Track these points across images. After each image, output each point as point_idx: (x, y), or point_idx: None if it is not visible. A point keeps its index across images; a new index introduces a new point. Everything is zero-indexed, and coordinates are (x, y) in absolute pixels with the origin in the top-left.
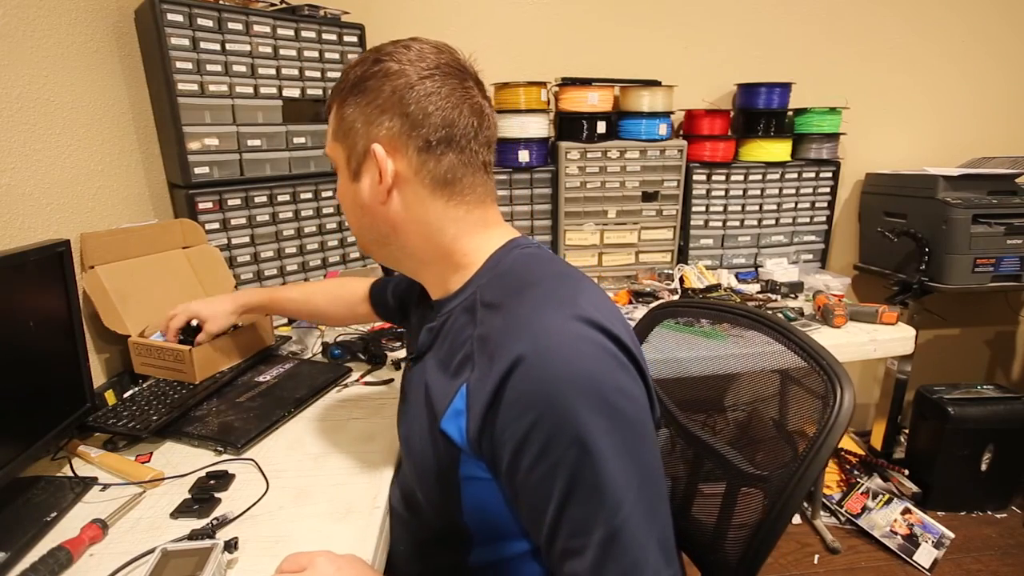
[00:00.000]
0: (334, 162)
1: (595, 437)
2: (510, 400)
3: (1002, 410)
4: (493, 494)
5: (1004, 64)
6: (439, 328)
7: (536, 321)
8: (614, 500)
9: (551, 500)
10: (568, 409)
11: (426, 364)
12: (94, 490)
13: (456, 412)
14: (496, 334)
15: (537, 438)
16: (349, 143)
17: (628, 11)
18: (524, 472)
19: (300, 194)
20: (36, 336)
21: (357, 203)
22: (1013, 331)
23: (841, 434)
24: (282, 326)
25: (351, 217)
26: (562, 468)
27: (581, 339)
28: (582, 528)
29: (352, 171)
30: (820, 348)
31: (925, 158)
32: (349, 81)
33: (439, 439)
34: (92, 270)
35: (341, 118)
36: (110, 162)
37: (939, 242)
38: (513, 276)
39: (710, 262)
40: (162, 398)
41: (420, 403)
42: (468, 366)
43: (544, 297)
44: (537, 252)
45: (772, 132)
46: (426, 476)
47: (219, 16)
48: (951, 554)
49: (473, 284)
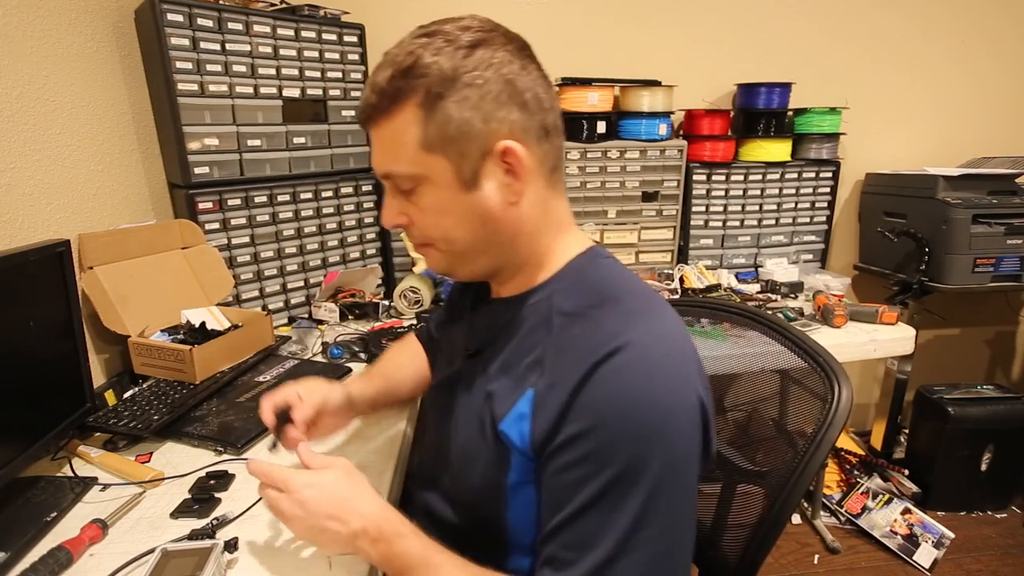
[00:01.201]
0: (421, 176)
1: (648, 467)
2: (578, 407)
3: (1002, 410)
4: (538, 498)
5: (1004, 64)
6: (503, 326)
7: (622, 335)
8: (627, 531)
9: (568, 504)
10: (639, 427)
11: (485, 361)
12: (94, 490)
13: (519, 416)
14: (575, 344)
15: (589, 442)
16: (458, 149)
17: (628, 11)
18: (558, 469)
19: (300, 194)
20: (36, 336)
21: (476, 213)
22: (1013, 331)
23: (840, 430)
24: (282, 326)
25: (461, 231)
26: (596, 481)
27: (672, 364)
28: (582, 543)
29: (466, 180)
30: (818, 347)
31: (925, 158)
32: (434, 77)
33: (495, 441)
34: (91, 271)
35: (441, 123)
36: (110, 162)
37: (939, 242)
38: (595, 287)
39: (710, 262)
40: (162, 398)
41: (476, 402)
42: (536, 371)
43: (630, 313)
44: (616, 264)
45: (772, 132)
46: (472, 477)
47: (219, 16)
48: (951, 554)
49: (548, 287)
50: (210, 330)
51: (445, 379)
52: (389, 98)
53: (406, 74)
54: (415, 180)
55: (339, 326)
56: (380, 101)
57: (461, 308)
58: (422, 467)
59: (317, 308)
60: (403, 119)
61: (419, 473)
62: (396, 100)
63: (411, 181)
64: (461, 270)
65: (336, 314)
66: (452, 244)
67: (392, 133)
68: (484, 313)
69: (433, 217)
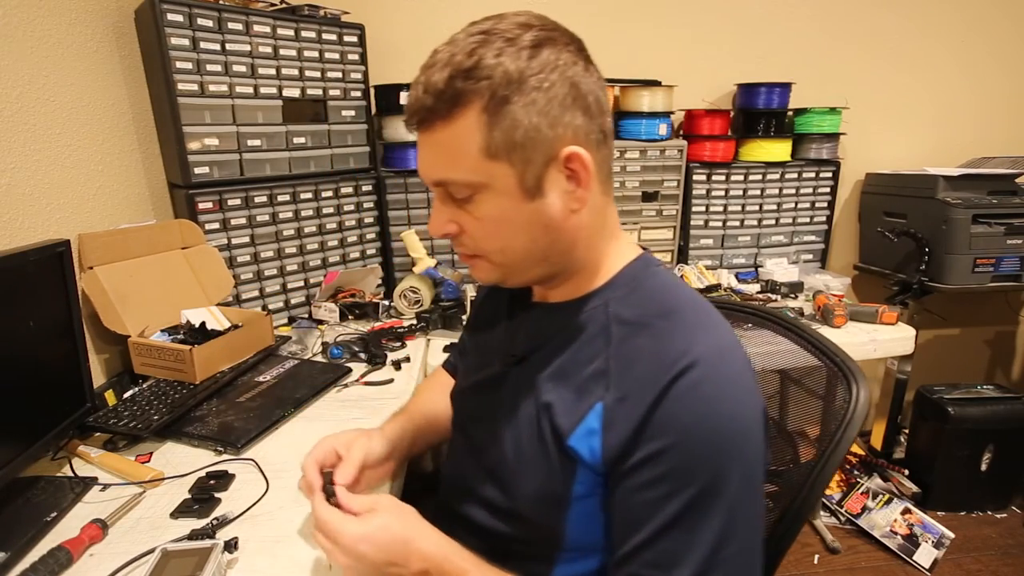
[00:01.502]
0: (481, 184)
1: (730, 480)
2: (657, 418)
3: (1002, 410)
4: (599, 509)
5: (1004, 64)
6: (553, 332)
7: (693, 349)
8: (713, 548)
9: (648, 523)
10: (717, 443)
11: (533, 367)
12: (94, 490)
13: (589, 431)
14: (643, 357)
15: (668, 460)
16: (524, 155)
17: (628, 11)
18: (636, 487)
19: (300, 194)
20: (36, 336)
21: (537, 222)
22: (1013, 331)
23: (859, 428)
24: (282, 326)
25: (520, 240)
26: (678, 499)
27: (740, 378)
28: (666, 562)
29: (529, 187)
30: (834, 346)
31: (925, 158)
32: (499, 79)
33: (560, 455)
34: (91, 271)
35: (507, 128)
36: (110, 162)
37: (939, 242)
38: (653, 296)
39: (710, 262)
40: (162, 398)
41: (528, 411)
42: (601, 383)
43: (694, 326)
44: (669, 272)
45: (772, 132)
46: (528, 487)
47: (219, 16)
48: (951, 554)
49: (603, 295)
50: (210, 330)
51: (479, 383)
52: (448, 101)
53: (468, 75)
54: (473, 188)
55: (339, 326)
56: (437, 104)
57: (495, 311)
58: (456, 476)
59: (317, 308)
60: (464, 124)
61: (452, 482)
62: (457, 103)
63: (468, 189)
64: (512, 280)
65: (336, 314)
66: (508, 255)
67: (451, 138)
68: (530, 318)
69: (491, 227)
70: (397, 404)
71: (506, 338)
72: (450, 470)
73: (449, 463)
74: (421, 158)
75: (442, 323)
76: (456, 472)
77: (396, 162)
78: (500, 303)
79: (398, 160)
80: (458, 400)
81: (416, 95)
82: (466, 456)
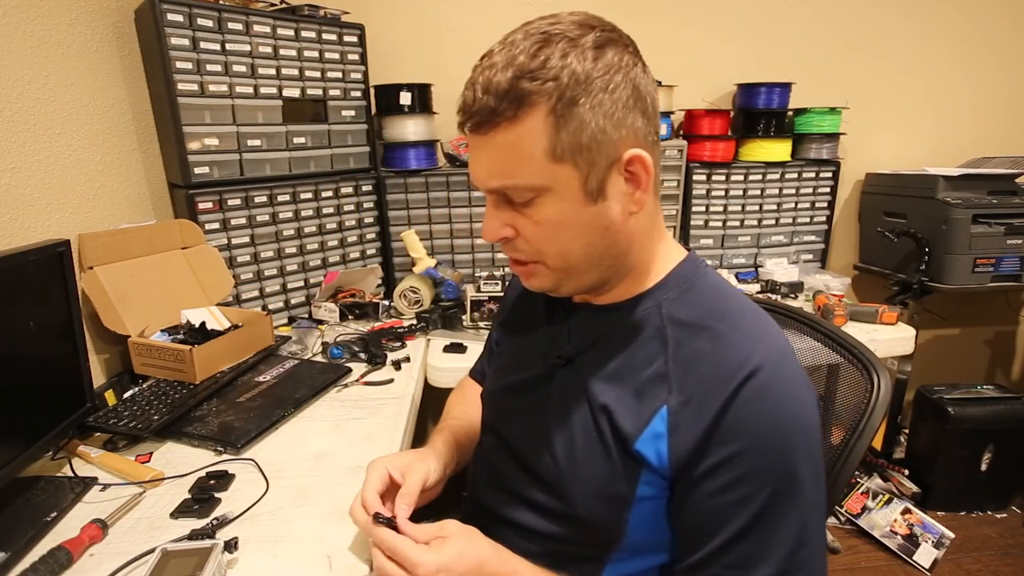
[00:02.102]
0: (544, 188)
1: (802, 479)
2: (727, 423)
3: (1002, 410)
4: (661, 510)
5: (1004, 64)
6: (603, 334)
7: (756, 354)
8: (795, 542)
9: (726, 527)
10: (787, 444)
11: (582, 369)
12: (94, 490)
13: (655, 435)
14: (706, 361)
15: (742, 464)
16: (589, 158)
17: (628, 10)
18: (710, 493)
19: (300, 194)
20: (36, 336)
21: (598, 225)
22: (1013, 331)
23: (882, 417)
24: (282, 326)
25: (578, 244)
26: (754, 501)
27: (799, 378)
28: (746, 563)
29: (591, 190)
30: (850, 337)
31: (925, 158)
32: (567, 81)
33: (625, 457)
34: (91, 271)
35: (574, 131)
36: (110, 162)
37: (939, 242)
38: (707, 297)
39: (710, 262)
40: (162, 398)
41: (583, 414)
42: (663, 387)
43: (753, 329)
44: (717, 273)
45: (772, 132)
46: (586, 489)
47: (219, 16)
48: (951, 554)
49: (654, 296)
50: (210, 330)
51: (517, 384)
52: (514, 102)
53: (534, 76)
54: (536, 191)
55: (339, 326)
56: (501, 105)
57: (531, 313)
58: (491, 477)
59: (317, 308)
60: (530, 125)
61: (488, 483)
62: (522, 104)
63: (530, 192)
64: (567, 286)
65: (336, 314)
66: (566, 259)
67: (516, 140)
68: (576, 320)
69: (550, 230)
70: (397, 404)
71: (547, 340)
72: (482, 471)
73: (479, 463)
74: (478, 162)
75: (442, 323)
76: (490, 473)
77: (396, 162)
78: (536, 305)
79: (398, 160)
80: (490, 401)
81: (474, 96)
82: (501, 457)
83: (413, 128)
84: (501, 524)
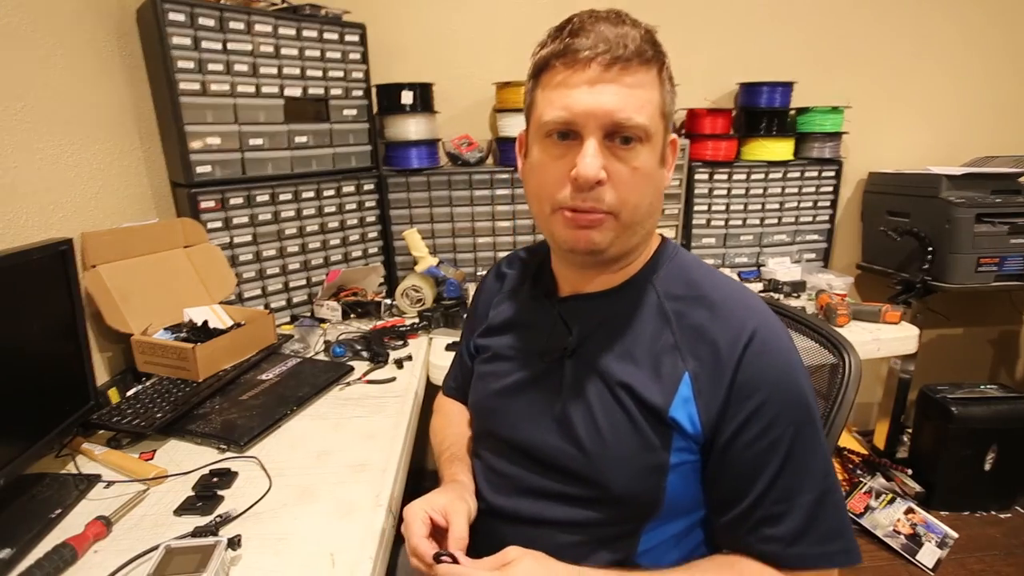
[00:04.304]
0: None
1: (814, 409)
2: (742, 381)
3: (1006, 410)
4: (693, 474)
5: (1007, 62)
6: (603, 319)
7: (749, 312)
8: (824, 467)
9: (765, 471)
10: (797, 384)
11: (590, 357)
12: (98, 487)
13: (684, 400)
14: (710, 329)
15: (768, 412)
16: (666, 126)
17: (629, 10)
18: (744, 446)
19: (302, 193)
20: (39, 334)
21: (660, 189)
22: (1017, 330)
23: (855, 391)
24: (284, 325)
25: (648, 199)
26: (783, 441)
27: (782, 325)
28: (789, 495)
29: (661, 156)
30: (820, 321)
31: (928, 157)
32: (666, 58)
33: (658, 426)
34: (94, 269)
35: (670, 99)
36: (112, 161)
37: (942, 241)
38: (691, 272)
39: (712, 261)
40: (165, 396)
41: (603, 397)
42: (677, 355)
43: (738, 294)
44: (688, 251)
45: (774, 131)
46: (622, 467)
47: (220, 15)
48: (954, 554)
49: (645, 276)
50: (213, 328)
51: (519, 384)
52: (647, 53)
53: (654, 42)
54: (645, 135)
55: (341, 325)
56: (637, 53)
57: (516, 313)
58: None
59: (319, 307)
60: (654, 76)
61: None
62: (651, 60)
63: (641, 134)
64: (616, 246)
65: (338, 313)
66: (636, 212)
67: (645, 84)
68: (570, 311)
69: (640, 179)
70: (400, 402)
71: (541, 336)
72: (490, 480)
73: (484, 473)
74: (604, 98)
75: (444, 322)
76: (501, 479)
77: (398, 161)
78: (519, 305)
79: (400, 159)
80: (486, 408)
81: (605, 38)
82: (511, 460)
83: (415, 127)
84: (529, 525)
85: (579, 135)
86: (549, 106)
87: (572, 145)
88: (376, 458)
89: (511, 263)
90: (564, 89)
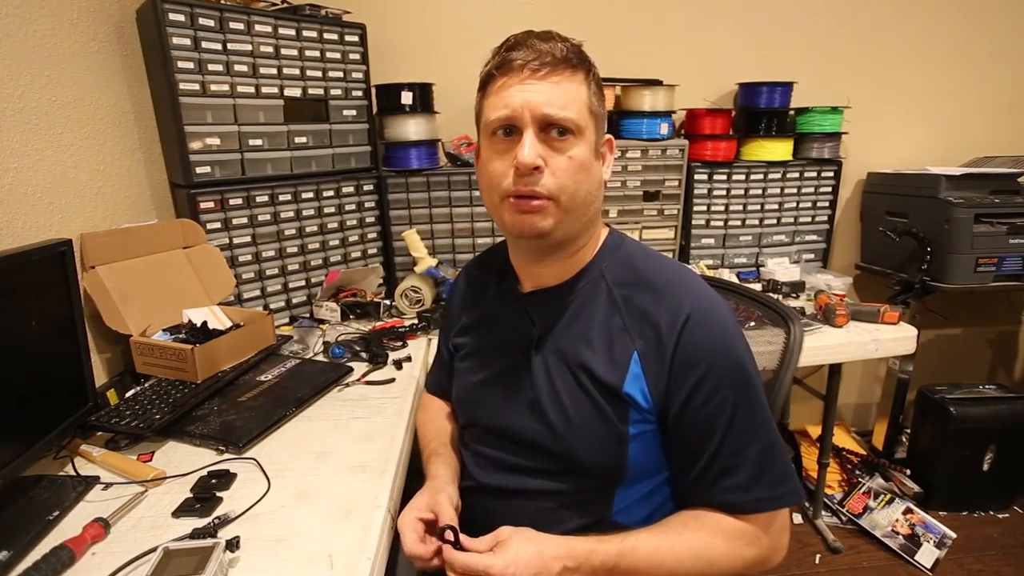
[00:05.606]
0: (582, 129)
1: (752, 372)
2: (683, 356)
3: (1004, 410)
4: (652, 441)
5: (1007, 63)
6: (562, 310)
7: (688, 294)
8: (767, 421)
9: (716, 430)
10: (734, 353)
11: (554, 345)
12: (96, 489)
13: (634, 376)
14: (651, 311)
15: (711, 379)
16: (597, 125)
17: (629, 10)
18: (694, 412)
19: (301, 193)
20: (38, 335)
21: (597, 180)
22: (1015, 331)
23: (798, 355)
24: (283, 325)
25: (585, 187)
26: (728, 403)
27: (720, 302)
28: (738, 448)
29: (596, 151)
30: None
31: (927, 157)
32: (592, 65)
33: (615, 402)
34: (93, 270)
35: (598, 101)
36: (112, 162)
37: (941, 242)
38: (636, 260)
39: (712, 261)
40: (164, 397)
41: (566, 380)
42: (627, 337)
43: (679, 278)
44: (634, 240)
45: (774, 131)
46: (590, 442)
47: (220, 16)
48: (953, 554)
49: (596, 267)
50: (212, 329)
51: (495, 375)
52: (572, 61)
53: (579, 53)
54: (577, 130)
55: (340, 325)
56: (568, 56)
57: (486, 311)
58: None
59: (318, 307)
60: (580, 79)
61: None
62: (577, 66)
63: (572, 126)
64: (560, 230)
65: (337, 313)
66: (575, 199)
67: (573, 86)
68: (533, 304)
69: (575, 168)
70: (399, 403)
71: (511, 330)
72: (478, 462)
73: (472, 457)
74: (536, 95)
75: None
76: (488, 461)
77: (397, 161)
78: (488, 304)
79: (399, 160)
80: (468, 399)
81: (536, 49)
82: (495, 443)
83: (414, 127)
84: (514, 497)
85: (519, 130)
86: (492, 108)
87: (514, 140)
88: (375, 459)
89: (478, 265)
90: (503, 91)
